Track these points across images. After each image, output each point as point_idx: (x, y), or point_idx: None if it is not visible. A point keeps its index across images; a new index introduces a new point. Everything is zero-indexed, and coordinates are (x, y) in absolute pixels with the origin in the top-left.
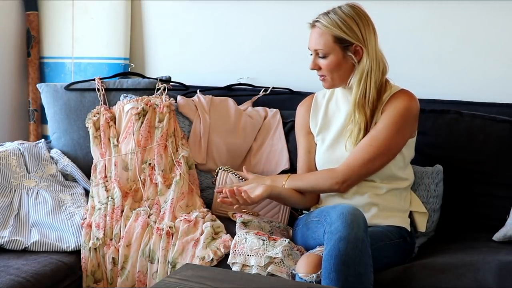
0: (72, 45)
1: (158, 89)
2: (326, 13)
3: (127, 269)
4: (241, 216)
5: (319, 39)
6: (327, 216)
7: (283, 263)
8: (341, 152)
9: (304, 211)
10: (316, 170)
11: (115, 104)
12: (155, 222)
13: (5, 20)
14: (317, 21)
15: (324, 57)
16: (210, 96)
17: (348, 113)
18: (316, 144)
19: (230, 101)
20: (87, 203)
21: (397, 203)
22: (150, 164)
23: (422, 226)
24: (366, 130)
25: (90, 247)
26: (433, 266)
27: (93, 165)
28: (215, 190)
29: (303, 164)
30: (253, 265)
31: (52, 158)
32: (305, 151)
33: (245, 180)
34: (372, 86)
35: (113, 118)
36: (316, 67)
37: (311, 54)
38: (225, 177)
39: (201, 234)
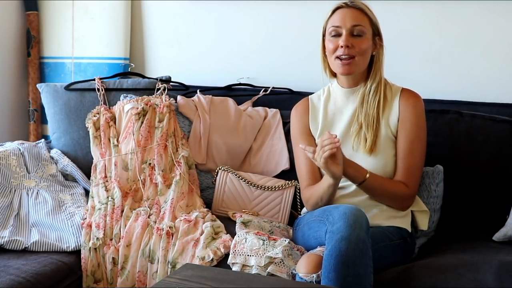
0: (72, 45)
1: (158, 89)
2: (350, 1)
3: (127, 269)
4: (241, 216)
5: (358, 16)
6: (330, 216)
7: (283, 263)
8: (347, 152)
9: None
10: (320, 174)
11: (115, 104)
12: (155, 222)
13: (5, 20)
14: (354, 3)
15: (359, 35)
16: (210, 96)
17: (353, 113)
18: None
19: (230, 101)
20: (87, 203)
21: None
22: (150, 164)
23: (424, 224)
24: (374, 128)
25: (90, 247)
26: (433, 266)
27: (93, 165)
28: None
29: (306, 168)
30: (253, 265)
31: (52, 158)
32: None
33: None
34: (383, 81)
35: (113, 118)
36: (349, 44)
37: (335, 35)
38: (225, 177)
39: (201, 234)
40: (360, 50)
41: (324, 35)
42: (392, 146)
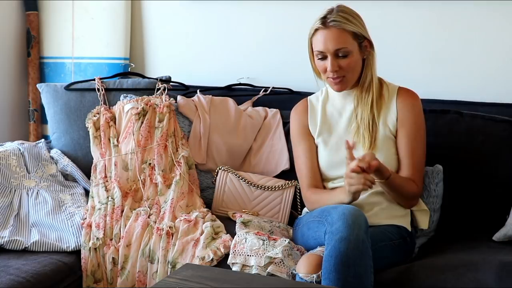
0: (72, 45)
1: (158, 89)
2: (332, 13)
3: (127, 269)
4: (241, 216)
5: (339, 38)
6: (328, 216)
7: (283, 263)
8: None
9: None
10: (320, 172)
11: (115, 104)
12: (155, 222)
13: (5, 20)
14: (333, 20)
15: (345, 56)
16: (210, 96)
17: (351, 113)
18: (316, 146)
19: (230, 101)
20: (87, 203)
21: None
22: (150, 164)
23: (424, 223)
24: (370, 129)
25: (90, 247)
26: (433, 266)
27: (93, 165)
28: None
29: (306, 168)
30: (253, 265)
31: (52, 158)
32: (307, 152)
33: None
34: (375, 82)
35: (113, 118)
36: (337, 68)
37: (321, 58)
38: (225, 177)
39: (201, 234)
40: (348, 68)
41: (311, 47)
42: (392, 145)
